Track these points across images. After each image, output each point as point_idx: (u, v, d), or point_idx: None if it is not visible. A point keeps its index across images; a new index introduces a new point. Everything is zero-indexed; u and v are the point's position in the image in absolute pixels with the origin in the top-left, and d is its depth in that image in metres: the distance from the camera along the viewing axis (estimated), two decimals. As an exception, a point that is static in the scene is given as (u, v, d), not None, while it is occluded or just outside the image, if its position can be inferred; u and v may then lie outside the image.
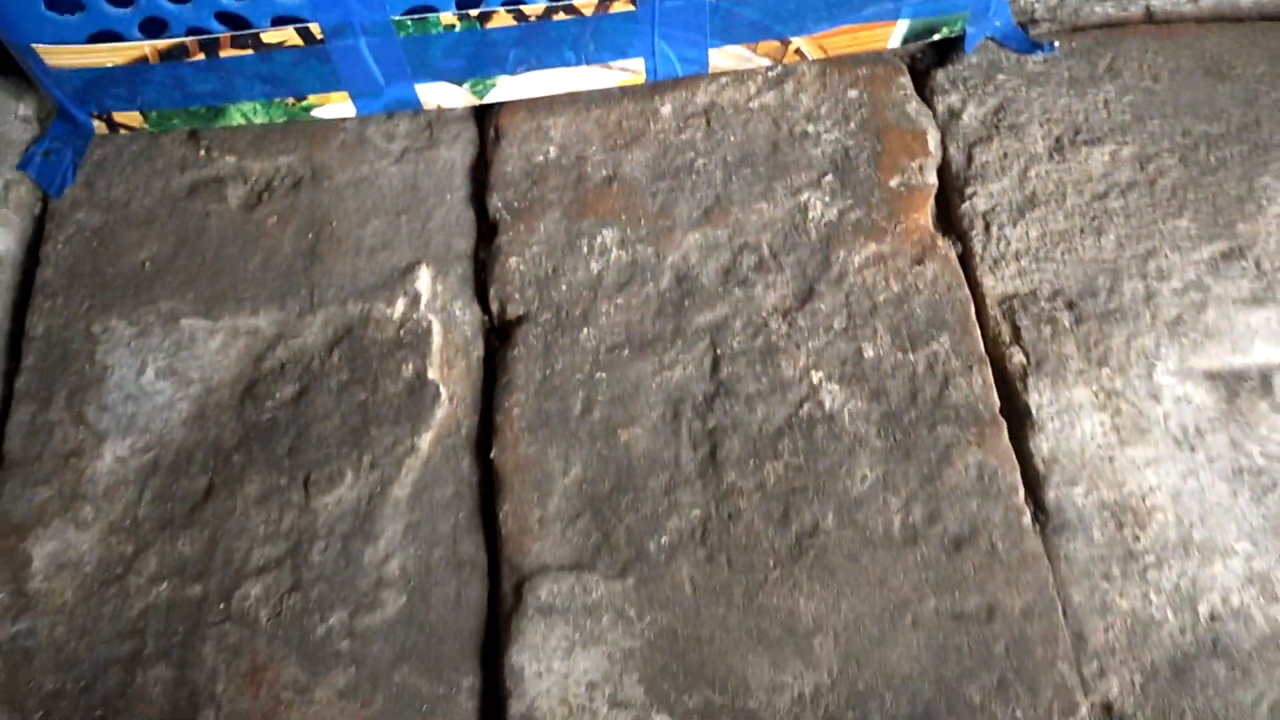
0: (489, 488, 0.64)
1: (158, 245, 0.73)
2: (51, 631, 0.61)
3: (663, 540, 0.61)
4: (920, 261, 0.68)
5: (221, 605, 0.61)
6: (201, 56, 0.70)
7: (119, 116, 0.75)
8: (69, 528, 0.64)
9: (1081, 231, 0.70)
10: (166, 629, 0.60)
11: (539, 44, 0.72)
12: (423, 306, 0.70)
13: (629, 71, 0.75)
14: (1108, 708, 0.56)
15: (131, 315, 0.71)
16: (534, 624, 0.59)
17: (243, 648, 0.60)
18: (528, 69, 0.74)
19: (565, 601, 0.59)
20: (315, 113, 0.76)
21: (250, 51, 0.70)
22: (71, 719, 0.58)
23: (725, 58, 0.75)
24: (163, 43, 0.69)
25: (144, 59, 0.70)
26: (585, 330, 0.68)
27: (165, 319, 0.70)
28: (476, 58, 0.73)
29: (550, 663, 0.58)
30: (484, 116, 0.78)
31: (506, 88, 0.75)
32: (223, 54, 0.70)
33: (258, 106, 0.75)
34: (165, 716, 0.58)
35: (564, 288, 0.69)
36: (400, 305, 0.70)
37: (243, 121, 0.76)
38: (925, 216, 0.71)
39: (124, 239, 0.74)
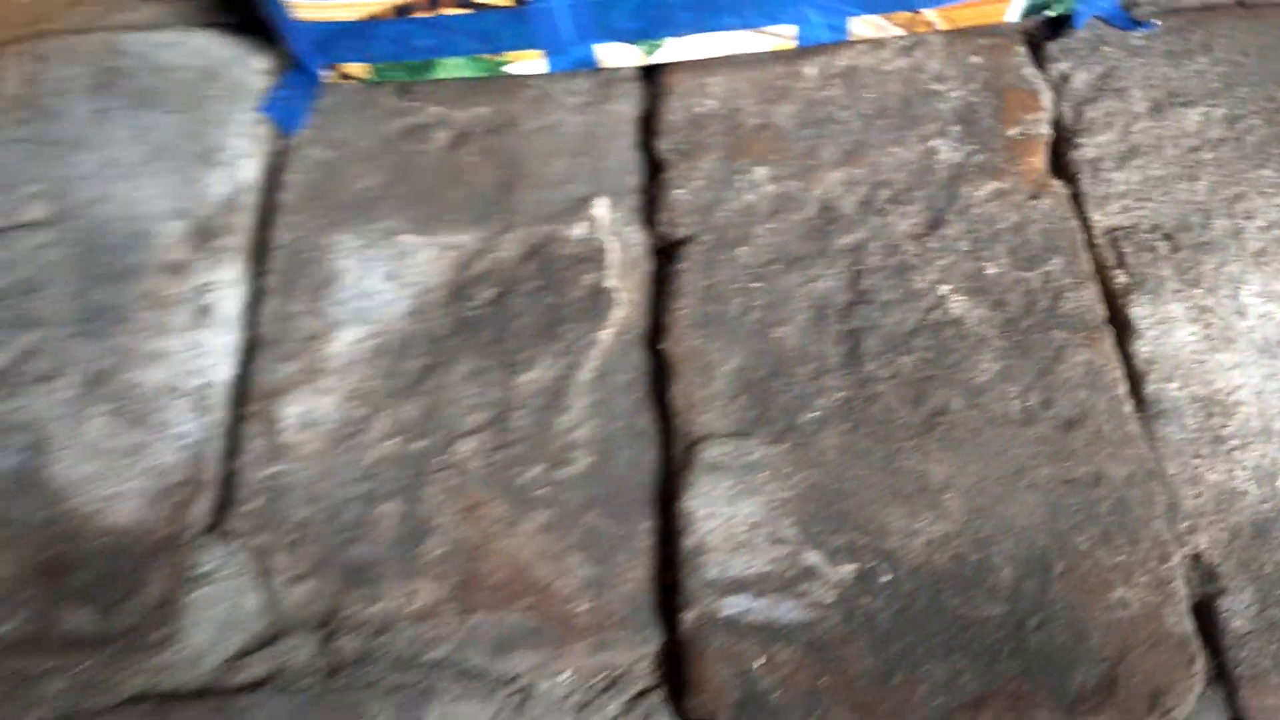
0: (659, 375, 0.76)
1: (377, 177, 0.87)
2: (301, 473, 0.74)
3: (812, 415, 0.72)
4: (1036, 197, 0.79)
5: (441, 457, 0.74)
6: (426, 14, 0.84)
7: (346, 68, 0.89)
8: (312, 395, 0.77)
9: (1177, 178, 0.80)
10: (396, 474, 0.73)
11: (706, 9, 0.84)
12: (600, 229, 0.82)
13: (781, 37, 0.87)
14: (1196, 558, 0.66)
15: (357, 231, 0.84)
16: (702, 477, 0.70)
17: (459, 490, 0.72)
18: (694, 32, 0.86)
19: (729, 460, 0.71)
20: (508, 69, 0.89)
21: (467, 10, 0.84)
22: (320, 541, 0.71)
23: (864, 26, 0.87)
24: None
25: (378, 15, 0.84)
26: (742, 249, 0.80)
27: (385, 234, 0.84)
28: (652, 21, 0.85)
29: (717, 507, 0.69)
30: (650, 76, 0.91)
31: (673, 49, 0.88)
32: (444, 12, 0.84)
33: (463, 61, 0.88)
34: (396, 540, 0.71)
35: (723, 215, 0.81)
36: (581, 228, 0.83)
37: (448, 76, 0.90)
38: (1040, 161, 0.81)
39: (348, 171, 0.87)
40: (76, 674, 0.67)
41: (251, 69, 0.93)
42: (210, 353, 0.79)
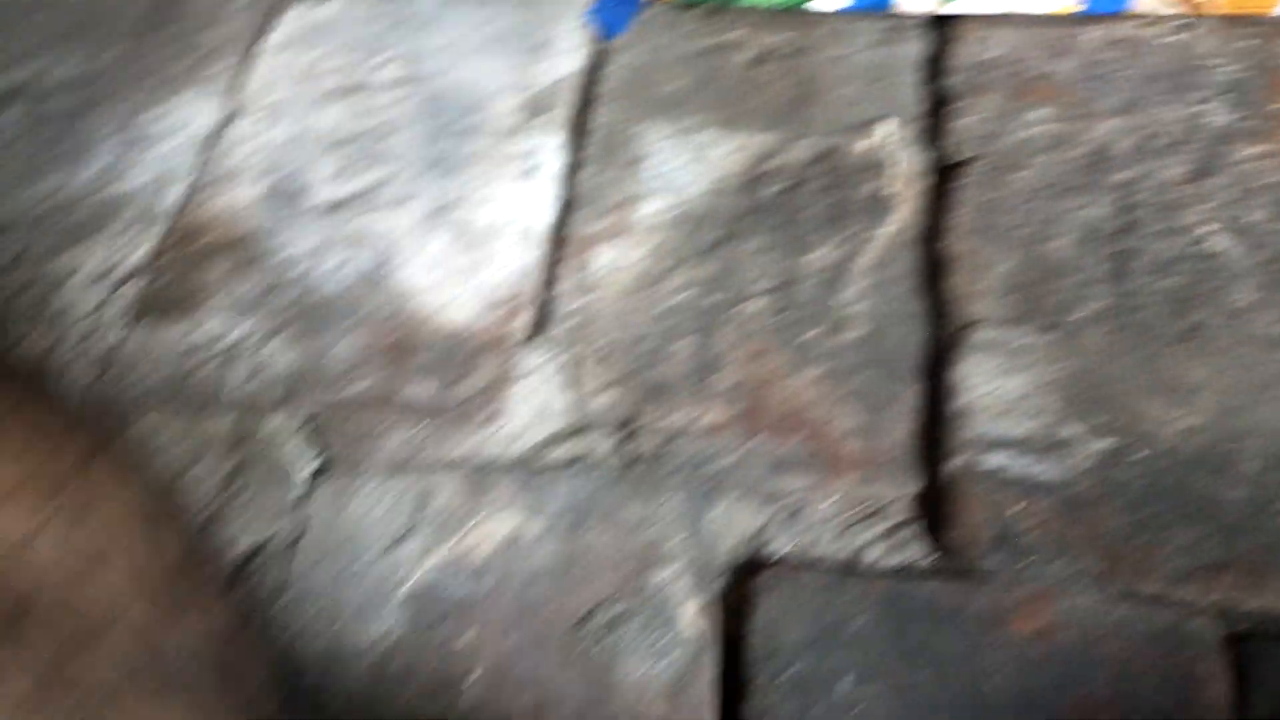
0: (933, 270, 0.84)
1: (683, 82, 0.98)
2: (607, 307, 0.84)
3: (1078, 315, 0.80)
4: (1300, 161, 0.86)
5: (730, 311, 0.83)
6: (757, -60, 0.95)
7: (669, -14, 1.01)
8: (619, 247, 0.88)
9: None
10: (691, 319, 0.83)
11: (1006, -34, 0.94)
12: (886, 144, 0.92)
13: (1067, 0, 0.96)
14: None
15: (664, 123, 0.95)
16: (972, 354, 0.79)
17: (746, 338, 0.82)
18: (989, -13, 0.95)
19: (998, 342, 0.79)
20: (809, 5, 1.00)
21: (794, -59, 0.94)
22: (623, 360, 0.81)
23: (1145, 1, 0.95)
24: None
25: (714, -63, 0.96)
26: (1019, 174, 0.88)
27: (689, 129, 0.94)
28: (954, -28, 0.95)
29: (984, 379, 0.77)
30: (939, 24, 1.00)
31: (966, 1, 0.97)
32: (773, -60, 0.95)
33: (773, -8, 0.99)
34: (690, 370, 0.80)
35: (1002, 144, 0.90)
36: (868, 141, 0.92)
37: (752, 4, 1.01)
38: (1306, 132, 0.88)
39: (658, 75, 0.99)
40: (413, 433, 0.78)
41: (578, -17, 1.06)
42: (534, 203, 0.90)
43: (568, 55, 1.00)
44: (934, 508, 0.73)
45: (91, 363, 0.82)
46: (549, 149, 0.94)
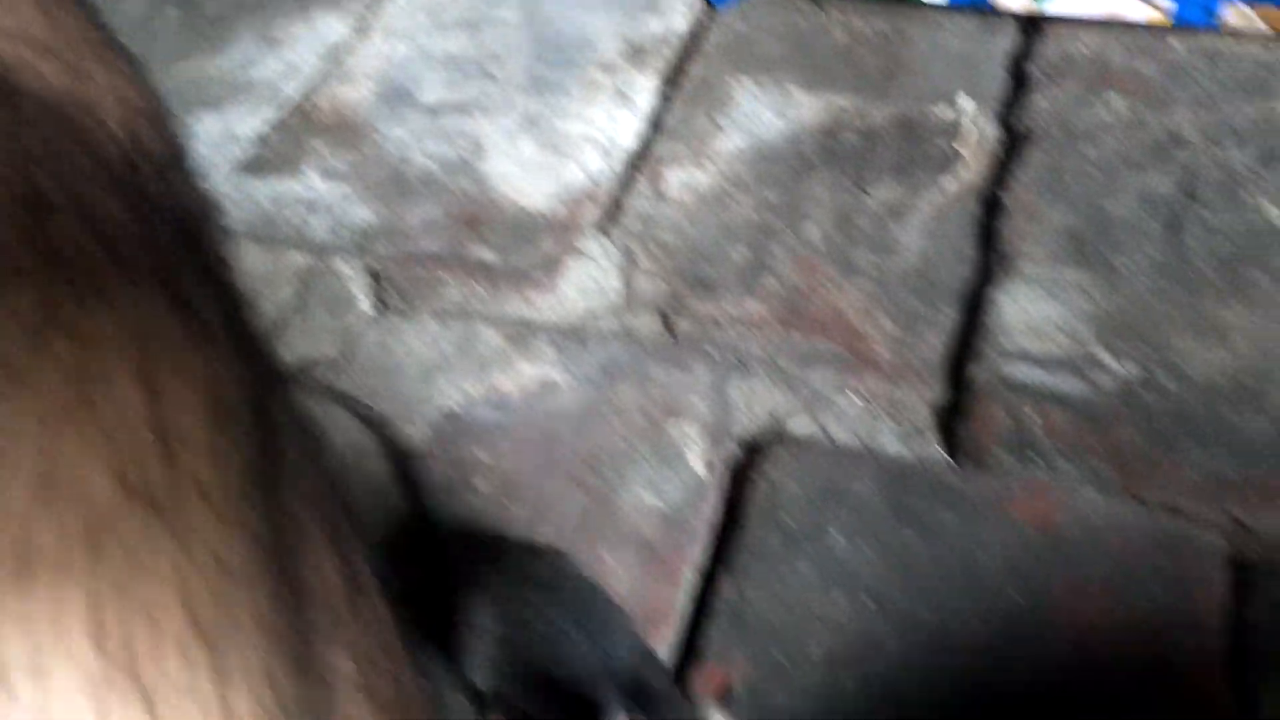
0: (990, 218, 0.87)
1: (780, 50, 1.04)
2: (673, 216, 0.89)
3: (1126, 261, 0.81)
4: (1373, 159, 0.87)
5: (790, 231, 0.87)
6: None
7: (779, -34, 1.08)
8: (695, 170, 0.93)
9: None
10: (750, 232, 0.87)
11: (1099, -32, 0.98)
12: (962, 114, 0.96)
13: (1158, 9, 0.99)
14: None
15: (756, 79, 1.01)
16: (1014, 282, 0.80)
17: (799, 252, 0.85)
18: (1082, -11, 1.00)
19: (1042, 275, 0.80)
20: (910, -3, 1.05)
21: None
22: (677, 258, 0.85)
23: (1236, 16, 0.98)
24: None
25: (824, -83, 1.03)
26: (1088, 147, 0.91)
27: (779, 84, 1.00)
28: (1048, -30, 1.00)
29: (1023, 303, 0.79)
30: (1030, 23, 1.04)
31: (1060, 3, 1.01)
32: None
33: (876, -22, 1.05)
34: (740, 272, 0.84)
35: (1076, 121, 0.93)
36: (946, 110, 0.96)
37: (858, -9, 1.07)
38: (1383, 137, 0.89)
39: (758, 41, 1.05)
40: (469, 289, 0.84)
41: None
42: (621, 126, 0.96)
43: (676, 15, 1.07)
44: (954, 409, 0.75)
45: (198, 199, 0.90)
46: (644, 87, 1.00)
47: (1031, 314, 0.78)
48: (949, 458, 0.73)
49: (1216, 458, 0.69)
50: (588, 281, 0.84)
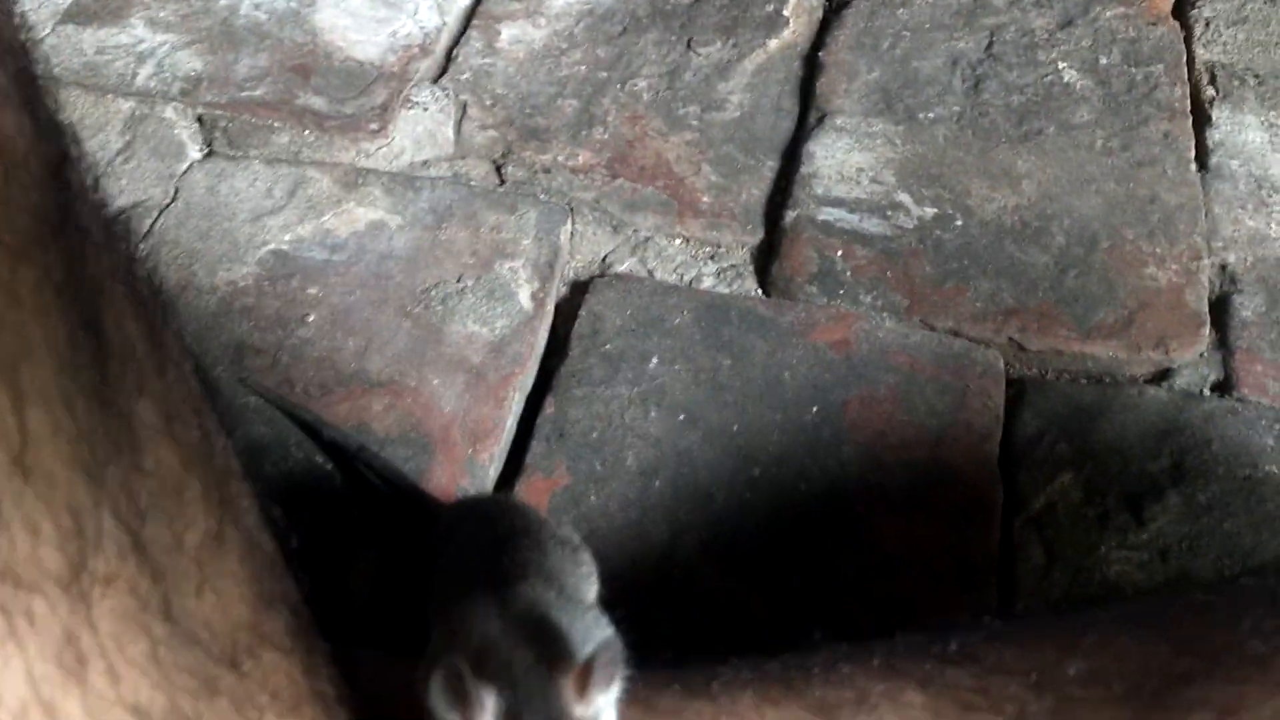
0: (808, 76, 0.91)
1: None
2: (505, 69, 0.90)
3: (929, 114, 0.86)
4: (1154, 25, 0.94)
5: (619, 85, 0.90)
6: None
7: None
8: (527, 25, 0.94)
9: (1276, 45, 0.94)
10: (580, 86, 0.89)
11: None
12: (788, -20, 0.99)
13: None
14: (1223, 266, 0.78)
15: None
16: (826, 135, 0.85)
17: (628, 106, 0.88)
18: None
19: (852, 127, 0.85)
20: None
21: None
22: (509, 108, 0.87)
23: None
24: None
25: None
26: (901, 10, 0.95)
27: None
28: None
29: (834, 153, 0.84)
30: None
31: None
32: None
33: None
34: (570, 123, 0.87)
35: (892, -12, 0.97)
36: (772, -24, 0.99)
37: None
38: (1166, 6, 0.96)
39: None
40: (299, 135, 0.84)
41: None
42: (455, -18, 0.97)
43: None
44: (768, 250, 0.79)
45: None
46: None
47: (842, 162, 0.83)
48: (762, 292, 0.77)
49: (1000, 288, 0.76)
50: (419, 130, 0.85)
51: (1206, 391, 0.73)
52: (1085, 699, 0.37)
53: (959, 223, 0.79)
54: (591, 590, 0.45)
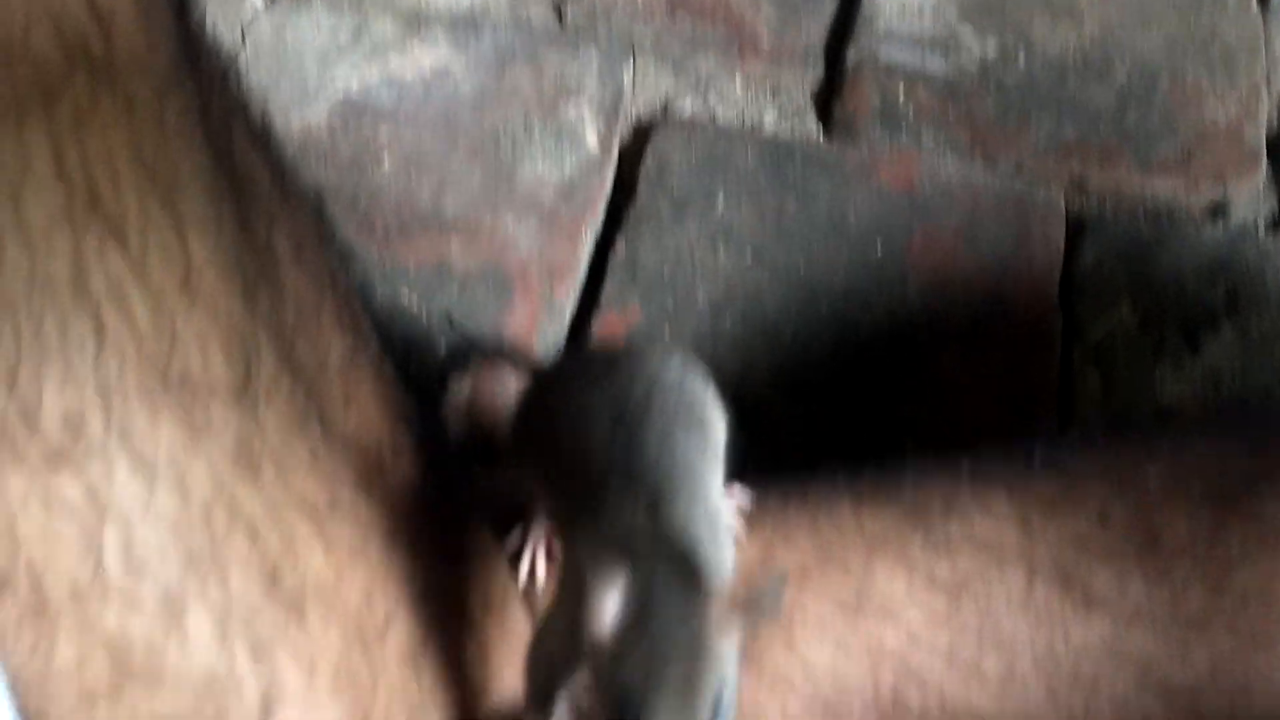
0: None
1: None
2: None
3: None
4: None
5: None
6: None
7: None
8: None
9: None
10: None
11: None
12: None
13: None
14: (1280, 106, 0.78)
15: None
16: (888, -28, 0.84)
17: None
18: None
19: (913, -36, 0.85)
20: None
21: None
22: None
23: None
24: None
25: None
26: None
27: None
28: None
29: (896, -10, 0.83)
30: None
31: None
32: None
33: None
34: None
35: None
36: None
37: None
38: None
39: None
40: (361, -20, 0.84)
41: None
42: None
43: None
44: (830, 89, 0.80)
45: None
46: None
47: (903, 1, 0.83)
48: (824, 133, 0.78)
49: (1062, 125, 0.77)
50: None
51: (1261, 226, 0.74)
52: (1164, 500, 0.40)
53: (1021, 60, 0.79)
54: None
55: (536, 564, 0.42)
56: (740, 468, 0.44)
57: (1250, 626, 0.37)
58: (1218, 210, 0.75)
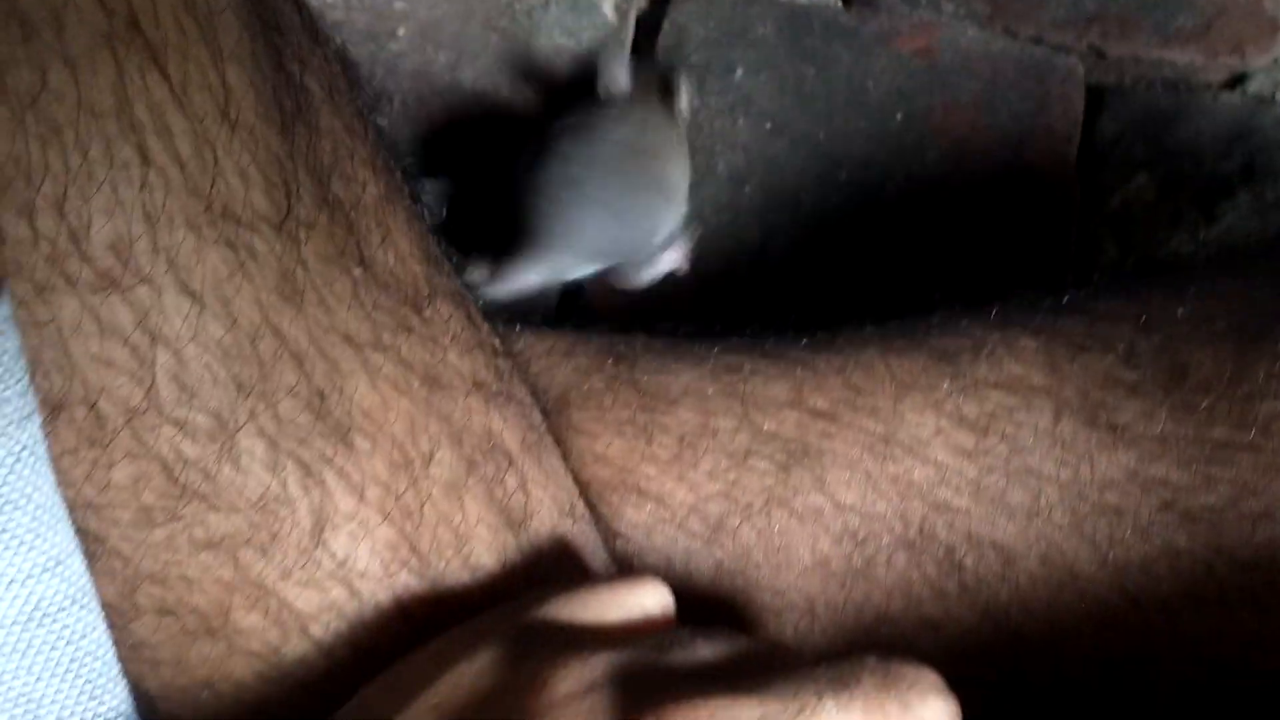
0: None
1: None
2: None
3: None
4: None
5: None
6: None
7: None
8: None
9: None
10: None
11: None
12: None
13: None
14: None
15: None
16: None
17: None
18: None
19: None
20: None
21: None
22: None
23: None
24: None
25: None
26: None
27: None
28: None
29: None
30: None
31: None
32: None
33: None
34: None
35: None
36: None
37: None
38: None
39: None
40: None
41: None
42: None
43: None
44: (847, -39, 0.79)
45: None
46: None
47: None
48: (843, 1, 0.77)
49: (1081, -5, 0.76)
50: None
51: (1279, 96, 0.74)
52: (1190, 336, 0.41)
53: (1039, -68, 0.78)
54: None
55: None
56: (764, 326, 0.45)
57: (1272, 455, 0.38)
58: (1236, 81, 0.74)
